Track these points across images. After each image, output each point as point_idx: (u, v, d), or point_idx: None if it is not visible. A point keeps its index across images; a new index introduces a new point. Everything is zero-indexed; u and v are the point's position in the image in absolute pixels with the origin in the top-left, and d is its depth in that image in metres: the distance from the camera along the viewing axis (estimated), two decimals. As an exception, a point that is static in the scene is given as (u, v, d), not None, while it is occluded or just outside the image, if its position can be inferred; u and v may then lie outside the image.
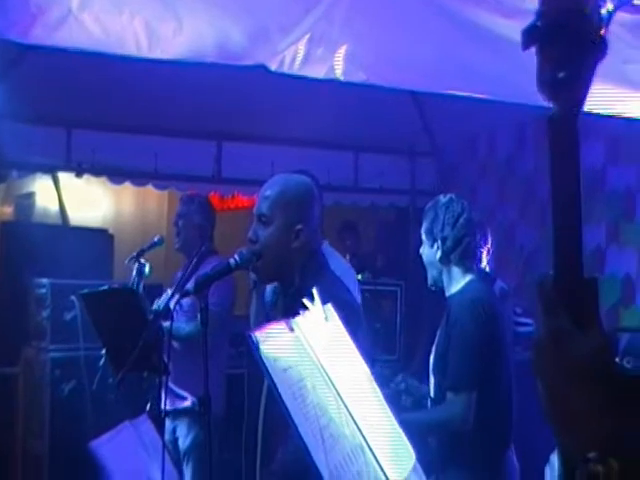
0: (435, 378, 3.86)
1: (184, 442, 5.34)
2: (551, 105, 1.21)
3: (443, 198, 3.92)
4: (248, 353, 4.31)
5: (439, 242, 3.85)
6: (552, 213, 1.21)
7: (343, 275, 3.41)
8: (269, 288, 3.33)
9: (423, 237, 3.93)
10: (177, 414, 5.35)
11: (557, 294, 1.20)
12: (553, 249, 1.21)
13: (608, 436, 1.17)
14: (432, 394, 3.90)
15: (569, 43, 1.19)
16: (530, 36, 1.21)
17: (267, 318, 3.19)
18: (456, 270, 3.87)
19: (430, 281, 3.97)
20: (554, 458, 3.60)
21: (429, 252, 3.90)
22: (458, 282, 3.87)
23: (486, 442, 3.72)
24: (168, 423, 5.34)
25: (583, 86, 1.19)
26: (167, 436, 5.29)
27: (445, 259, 3.86)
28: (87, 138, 7.29)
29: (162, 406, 4.04)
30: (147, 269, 5.25)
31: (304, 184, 3.12)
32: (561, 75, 1.18)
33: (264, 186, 3.08)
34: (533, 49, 1.23)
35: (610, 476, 1.14)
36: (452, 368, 3.72)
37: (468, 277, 3.86)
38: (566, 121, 1.19)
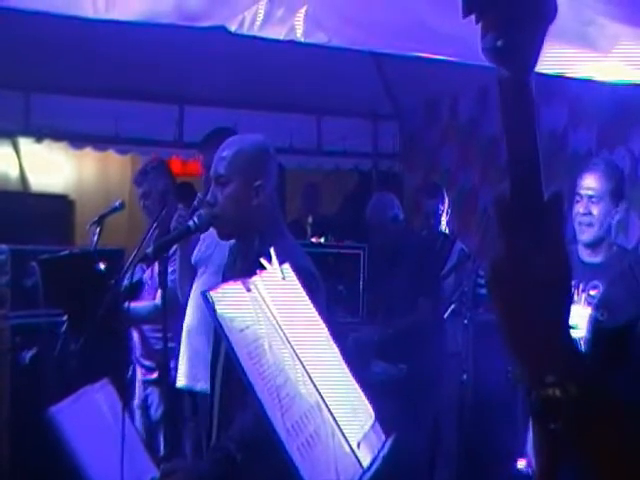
0: None
1: (155, 412, 5.33)
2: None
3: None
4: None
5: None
6: (509, 173, 1.13)
7: None
8: (227, 248, 3.31)
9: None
10: (148, 384, 5.33)
11: (517, 211, 1.12)
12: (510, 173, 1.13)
13: (568, 357, 1.11)
14: None
15: (507, 11, 1.11)
16: (469, 3, 1.13)
17: (223, 279, 3.17)
18: None
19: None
20: None
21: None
22: None
23: None
24: (140, 390, 5.33)
25: (528, 52, 1.12)
26: (138, 401, 5.29)
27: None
28: (46, 103, 7.18)
29: (125, 371, 4.02)
30: None
31: (259, 142, 3.11)
32: (499, 43, 1.10)
33: (220, 148, 3.05)
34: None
35: (567, 402, 1.08)
36: None
37: None
38: (515, 84, 1.12)
